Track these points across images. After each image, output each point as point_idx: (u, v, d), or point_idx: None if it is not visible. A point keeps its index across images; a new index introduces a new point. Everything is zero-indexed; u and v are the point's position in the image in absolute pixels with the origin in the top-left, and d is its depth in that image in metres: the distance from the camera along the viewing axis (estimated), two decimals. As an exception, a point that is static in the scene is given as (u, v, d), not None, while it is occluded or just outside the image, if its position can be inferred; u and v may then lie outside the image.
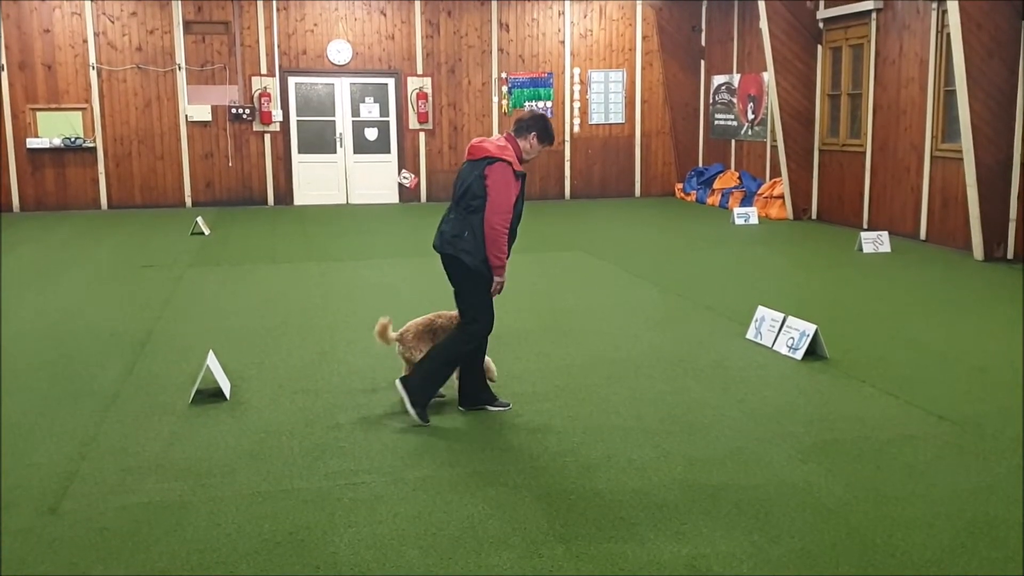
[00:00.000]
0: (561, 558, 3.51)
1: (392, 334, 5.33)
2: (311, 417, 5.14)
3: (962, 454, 4.57)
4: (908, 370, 6.02)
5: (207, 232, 12.59)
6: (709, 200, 16.20)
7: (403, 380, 5.12)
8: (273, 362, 6.26)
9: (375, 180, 16.73)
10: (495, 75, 16.76)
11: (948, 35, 10.46)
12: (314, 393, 5.58)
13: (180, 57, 15.57)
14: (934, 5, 11.17)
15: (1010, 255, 10.17)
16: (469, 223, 4.90)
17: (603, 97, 17.31)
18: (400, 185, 16.76)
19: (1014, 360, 6.20)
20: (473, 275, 4.94)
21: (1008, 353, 6.39)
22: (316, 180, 16.48)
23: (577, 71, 17.10)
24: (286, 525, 3.81)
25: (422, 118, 16.50)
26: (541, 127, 5.07)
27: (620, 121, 17.42)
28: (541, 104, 16.98)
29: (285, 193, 16.32)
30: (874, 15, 12.34)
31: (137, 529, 3.78)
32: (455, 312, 5.24)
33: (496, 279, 4.98)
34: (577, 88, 17.14)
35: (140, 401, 5.43)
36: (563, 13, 16.89)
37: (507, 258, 4.96)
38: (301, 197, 16.42)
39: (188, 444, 4.73)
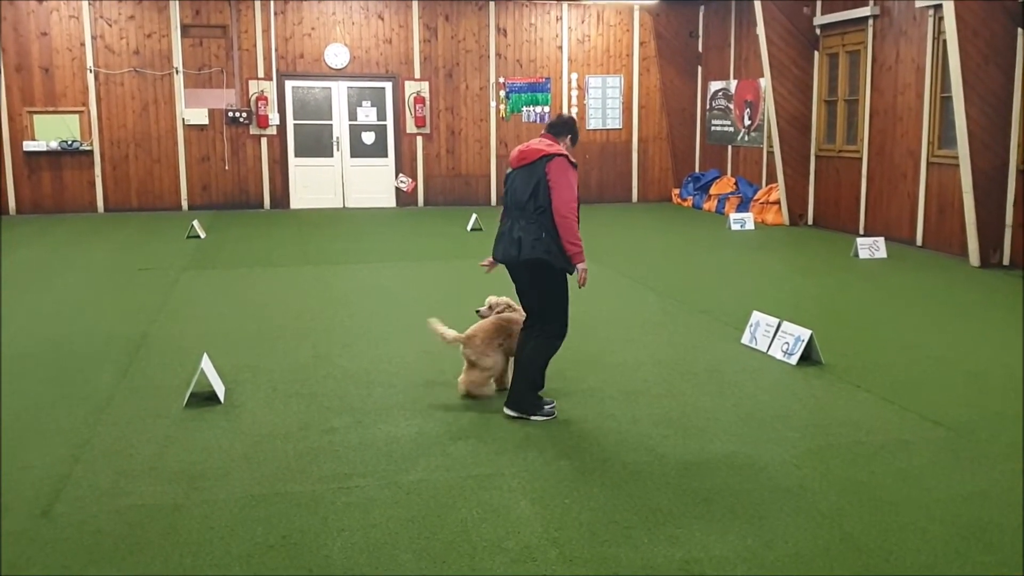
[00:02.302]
0: (555, 562, 3.51)
1: (451, 332, 5.37)
2: (305, 420, 5.13)
3: (957, 459, 4.57)
4: (903, 375, 6.02)
5: (203, 235, 12.59)
6: (705, 206, 16.22)
7: (511, 405, 5.17)
8: (268, 365, 6.25)
9: (372, 184, 16.74)
10: (493, 80, 16.78)
11: (944, 41, 10.49)
12: (308, 397, 5.57)
13: (177, 60, 15.58)
14: (931, 11, 11.20)
15: (1006, 261, 10.18)
16: (543, 225, 5.02)
17: (600, 103, 17.33)
18: (397, 189, 16.77)
19: (1009, 365, 6.21)
20: (558, 275, 5.11)
21: (1003, 359, 6.40)
22: (313, 184, 16.49)
23: (575, 76, 17.12)
24: (279, 528, 3.80)
25: (419, 122, 16.51)
26: (575, 130, 5.33)
27: (617, 127, 17.45)
28: (539, 109, 17.00)
29: (281, 197, 16.32)
30: (871, 21, 12.37)
31: (130, 532, 3.76)
32: (515, 314, 5.43)
33: (579, 267, 5.08)
34: (575, 93, 17.16)
35: (134, 404, 5.42)
36: (561, 18, 16.92)
37: (581, 244, 5.07)
38: (297, 201, 16.41)
39: (182, 447, 4.72)
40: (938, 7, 10.85)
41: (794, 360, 6.19)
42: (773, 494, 4.12)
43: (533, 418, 5.11)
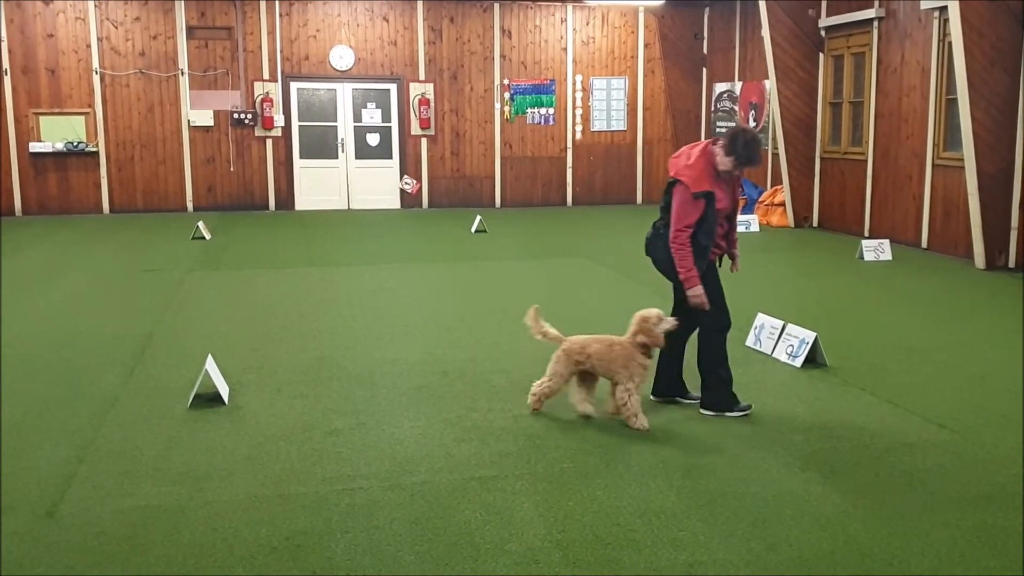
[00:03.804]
0: (558, 564, 3.51)
1: (550, 328, 5.14)
2: (309, 422, 5.14)
3: (962, 462, 4.55)
4: (908, 378, 6.00)
5: (208, 237, 12.61)
6: (710, 207, 16.18)
7: (705, 405, 5.25)
8: (272, 367, 6.26)
9: (377, 185, 16.75)
10: (497, 81, 16.79)
11: (950, 44, 10.47)
12: (312, 398, 5.57)
13: (183, 62, 15.61)
14: (936, 14, 11.18)
15: (1012, 264, 10.16)
16: (664, 236, 5.20)
17: (605, 104, 17.33)
18: (402, 191, 16.78)
19: (1015, 369, 6.19)
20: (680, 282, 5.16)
21: (1009, 362, 6.38)
22: (318, 185, 16.51)
23: (579, 78, 17.12)
24: (283, 530, 3.80)
25: (424, 124, 16.52)
26: (740, 152, 4.96)
27: (622, 128, 17.44)
28: (543, 111, 17.00)
29: (286, 198, 16.34)
30: (876, 23, 12.35)
31: (134, 533, 3.77)
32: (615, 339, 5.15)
33: (690, 292, 5.08)
34: (579, 95, 17.16)
35: (139, 405, 5.43)
36: (565, 20, 16.92)
37: (695, 273, 5.05)
38: (302, 202, 16.44)
39: (186, 448, 4.73)
40: (943, 9, 10.83)
41: (799, 363, 6.18)
42: (777, 497, 4.12)
43: (728, 415, 5.20)
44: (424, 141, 16.67)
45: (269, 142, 16.11)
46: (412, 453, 4.66)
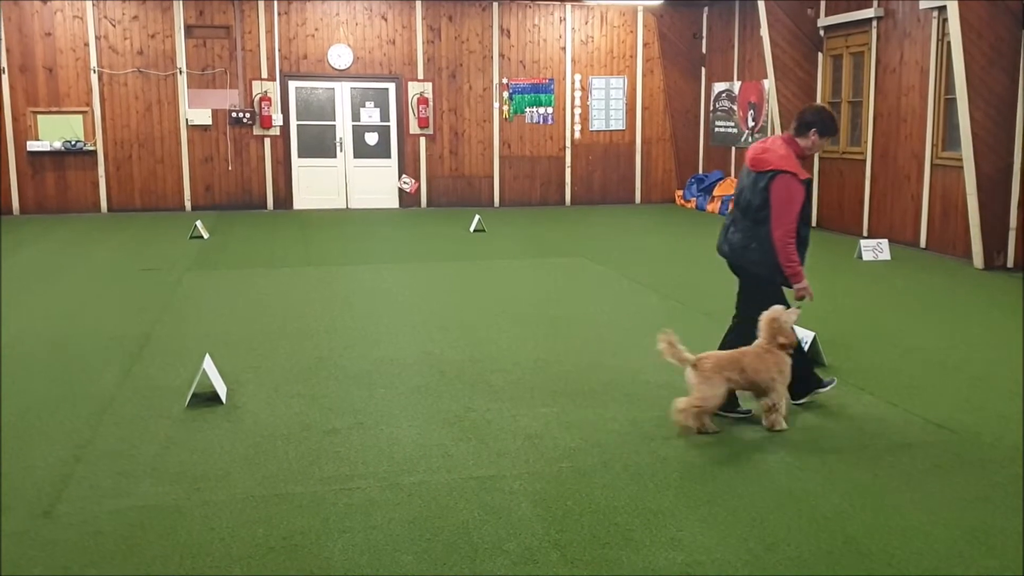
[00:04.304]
0: (556, 564, 3.50)
1: (686, 353, 4.83)
2: (307, 422, 5.13)
3: (960, 462, 4.55)
4: (907, 378, 6.00)
5: (206, 236, 12.59)
6: (709, 207, 16.21)
7: (796, 395, 5.20)
8: (270, 366, 6.25)
9: (375, 185, 16.74)
10: (496, 81, 16.78)
11: (949, 43, 10.47)
12: (310, 398, 5.56)
13: (181, 61, 15.59)
14: (935, 13, 11.18)
15: (1010, 264, 10.16)
16: (756, 234, 5.02)
17: (604, 104, 17.32)
18: (400, 190, 16.77)
19: (1013, 369, 6.19)
20: (761, 282, 5.12)
21: (1007, 362, 6.37)
22: (316, 184, 16.50)
23: (578, 77, 17.11)
24: (280, 530, 3.80)
25: (423, 123, 16.51)
26: (820, 122, 5.03)
27: (621, 128, 17.44)
28: (542, 110, 16.99)
29: (285, 197, 16.33)
30: (875, 23, 12.35)
31: (131, 533, 3.76)
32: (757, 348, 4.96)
33: (796, 286, 5.04)
34: (578, 94, 17.15)
35: (136, 404, 5.42)
36: (564, 19, 16.91)
37: (801, 264, 5.02)
38: (301, 201, 16.42)
39: (183, 448, 4.72)
40: (942, 9, 10.83)
41: (797, 362, 6.16)
42: (775, 496, 4.11)
43: (820, 391, 5.27)
44: (423, 140, 16.66)
45: (267, 141, 16.10)
46: (410, 453, 4.65)
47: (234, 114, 15.78)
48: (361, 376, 6.02)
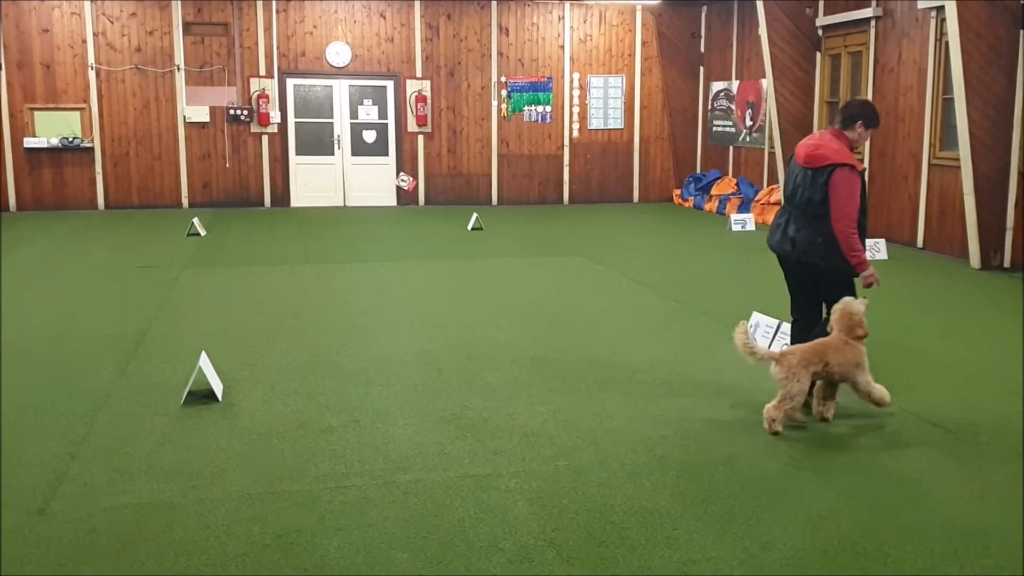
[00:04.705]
0: (552, 562, 3.50)
1: (762, 349, 4.96)
2: (303, 419, 5.12)
3: (957, 462, 4.55)
4: (904, 377, 6.00)
5: (203, 233, 12.58)
6: (706, 206, 16.20)
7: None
8: (266, 364, 6.24)
9: (373, 182, 16.73)
10: (495, 79, 16.77)
11: (947, 43, 10.46)
12: (306, 395, 5.55)
13: (179, 58, 15.57)
14: (933, 13, 11.18)
15: (1007, 263, 10.16)
16: (819, 230, 5.09)
17: (602, 102, 17.31)
18: (398, 188, 16.76)
19: (1010, 369, 6.19)
20: (834, 274, 5.18)
21: (1005, 361, 6.38)
22: (313, 182, 16.47)
23: (576, 76, 17.10)
24: (275, 528, 3.79)
25: (421, 121, 16.49)
26: (865, 114, 5.19)
27: (619, 127, 17.43)
28: (540, 108, 16.98)
29: (282, 195, 16.31)
30: (873, 23, 12.35)
31: (125, 530, 3.75)
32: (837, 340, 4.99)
33: (864, 275, 5.13)
34: (576, 93, 17.14)
35: (132, 402, 5.41)
36: (563, 18, 16.90)
37: (864, 252, 5.10)
38: (298, 199, 16.40)
39: (179, 445, 4.71)
40: (941, 8, 10.82)
41: (794, 361, 6.16)
42: (771, 496, 4.11)
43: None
44: (421, 138, 16.65)
45: (265, 138, 16.08)
46: (406, 451, 4.65)
47: (232, 111, 15.76)
48: (357, 374, 6.01)
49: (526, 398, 5.51)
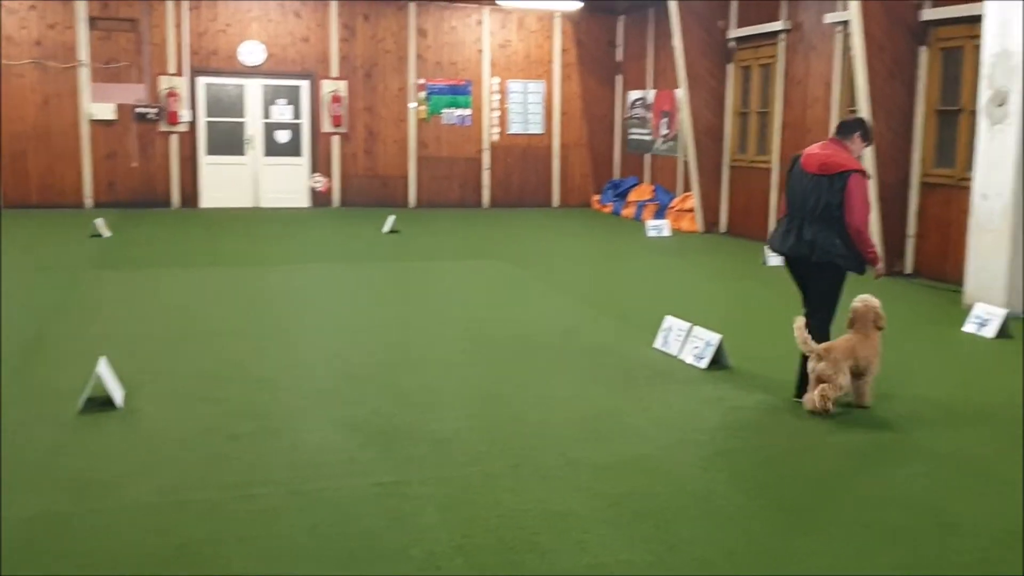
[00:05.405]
0: (460, 569, 3.45)
1: (814, 344, 5.29)
2: (208, 426, 4.95)
3: (864, 462, 4.67)
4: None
5: (107, 234, 12.12)
6: (624, 212, 16.41)
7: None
8: (171, 370, 6.02)
9: (286, 183, 16.40)
10: (412, 81, 16.65)
11: (852, 57, 10.81)
12: (213, 402, 5.38)
13: (83, 53, 14.99)
14: (839, 27, 11.55)
15: (908, 270, 10.55)
16: (836, 231, 5.40)
17: (522, 107, 17.37)
18: (312, 189, 16.48)
19: (908, 365, 6.39)
20: (842, 274, 5.54)
21: (908, 361, 6.58)
22: (224, 182, 16.07)
23: (496, 80, 17.12)
24: (175, 539, 3.64)
25: (336, 121, 16.26)
26: (863, 128, 5.62)
27: (539, 131, 17.51)
28: (460, 111, 16.93)
29: (191, 195, 15.85)
30: (783, 36, 12.69)
31: (14, 545, 3.55)
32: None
33: (878, 267, 5.72)
34: (496, 97, 17.15)
35: (24, 408, 5.15)
36: (482, 22, 16.89)
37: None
38: (208, 199, 15.97)
39: (74, 454, 4.50)
40: (846, 23, 11.19)
41: (704, 364, 6.27)
42: (680, 497, 4.15)
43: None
44: (336, 139, 16.41)
45: (175, 137, 15.61)
46: (314, 458, 4.53)
47: (139, 109, 15.26)
48: (266, 380, 5.85)
49: (438, 404, 5.45)
